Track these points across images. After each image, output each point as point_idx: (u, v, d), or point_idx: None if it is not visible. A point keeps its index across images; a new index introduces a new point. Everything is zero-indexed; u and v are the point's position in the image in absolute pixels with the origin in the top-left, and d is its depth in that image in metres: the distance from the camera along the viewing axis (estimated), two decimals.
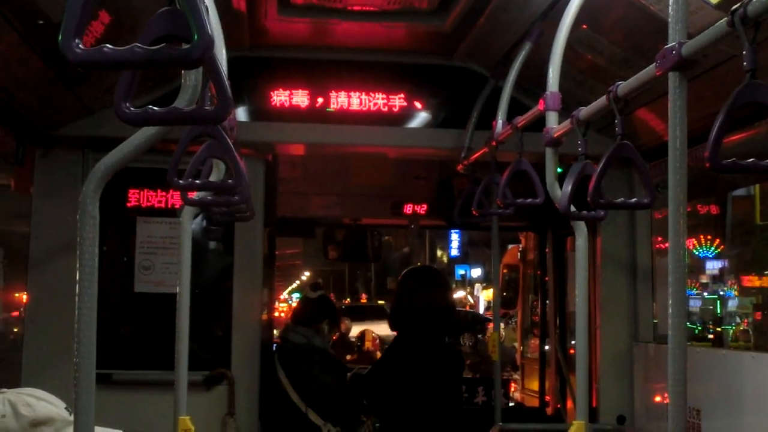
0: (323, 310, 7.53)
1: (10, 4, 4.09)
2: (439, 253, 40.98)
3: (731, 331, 8.05)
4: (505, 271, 12.27)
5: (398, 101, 6.75)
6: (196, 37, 1.91)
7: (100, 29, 4.44)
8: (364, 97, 6.72)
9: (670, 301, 3.03)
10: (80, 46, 1.89)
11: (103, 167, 2.65)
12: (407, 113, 6.79)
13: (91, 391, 2.59)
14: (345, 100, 6.70)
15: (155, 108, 2.24)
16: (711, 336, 8.00)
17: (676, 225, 3.02)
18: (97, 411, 2.62)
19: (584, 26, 5.22)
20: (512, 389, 11.26)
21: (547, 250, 9.27)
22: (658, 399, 6.39)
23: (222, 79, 2.31)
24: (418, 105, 6.80)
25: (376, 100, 6.73)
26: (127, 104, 2.22)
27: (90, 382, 2.59)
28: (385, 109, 6.73)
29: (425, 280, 7.29)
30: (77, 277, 2.62)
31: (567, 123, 4.47)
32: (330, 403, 6.97)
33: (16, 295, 6.38)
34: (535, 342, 10.88)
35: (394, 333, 7.21)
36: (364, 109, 6.71)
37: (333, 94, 6.69)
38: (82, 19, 1.89)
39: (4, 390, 3.23)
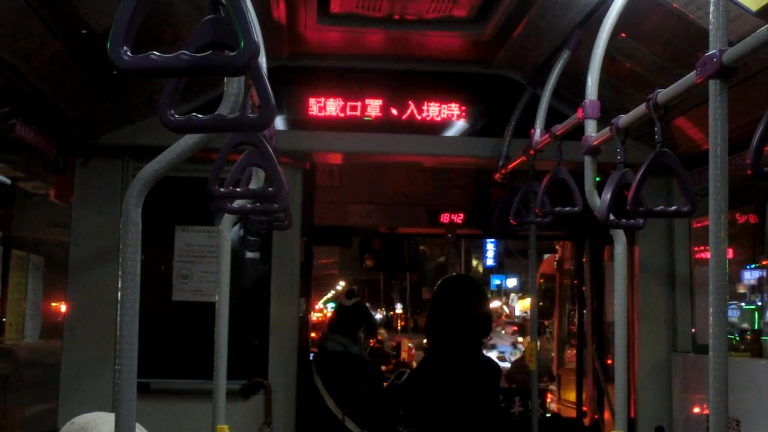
0: (359, 318, 7.54)
1: (54, 14, 4.13)
2: (474, 262, 40.84)
3: None
4: (541, 281, 12.23)
5: (436, 110, 6.75)
6: (242, 43, 1.92)
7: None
8: (401, 106, 6.72)
9: (711, 310, 3.01)
10: (128, 53, 1.91)
11: (145, 174, 2.66)
12: (445, 122, 6.78)
13: (132, 398, 2.60)
14: (383, 109, 6.71)
15: (199, 115, 2.26)
16: (746, 346, 7.92)
17: (717, 233, 3.00)
18: (137, 420, 2.63)
19: (623, 34, 5.21)
20: (549, 400, 11.23)
21: (584, 259, 9.24)
22: (697, 410, 6.35)
23: (266, 85, 2.32)
24: (455, 113, 6.79)
25: (414, 109, 6.73)
26: (172, 111, 2.24)
27: (131, 389, 2.60)
28: (423, 117, 6.73)
29: (462, 289, 7.29)
30: (119, 284, 2.63)
31: (606, 131, 4.45)
32: (367, 410, 6.97)
33: (53, 304, 6.40)
34: (571, 352, 10.83)
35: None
36: (401, 117, 6.72)
37: (370, 102, 6.70)
38: (130, 27, 1.91)
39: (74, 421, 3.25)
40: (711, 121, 3.03)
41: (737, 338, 7.86)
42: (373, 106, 6.70)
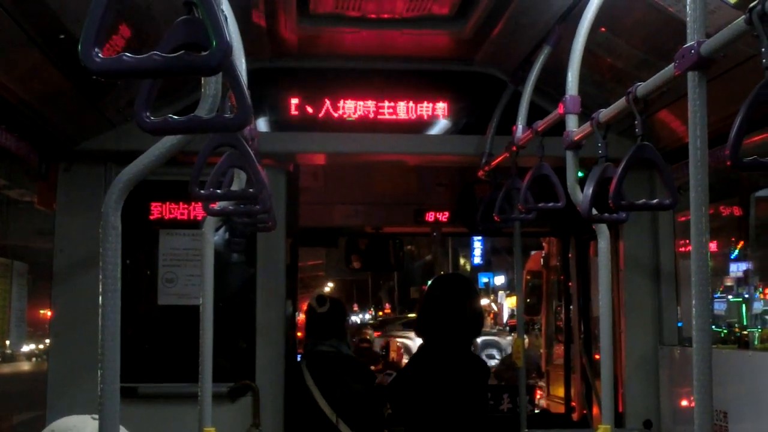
0: (339, 317, 7.48)
1: (32, 20, 4.11)
2: (461, 261, 40.89)
3: (757, 333, 8.00)
4: (528, 277, 12.25)
5: (418, 108, 6.74)
6: (214, 43, 1.91)
7: (121, 43, 4.46)
8: (383, 105, 6.71)
9: (694, 302, 3.01)
10: (100, 55, 1.90)
11: (124, 178, 2.65)
12: (427, 120, 6.77)
13: (115, 402, 2.59)
14: (364, 108, 6.70)
15: (175, 117, 2.25)
16: (736, 338, 7.94)
17: (699, 225, 3.00)
18: (123, 425, 2.62)
19: (603, 29, 5.22)
20: (537, 396, 11.24)
21: (570, 255, 9.24)
22: (684, 403, 6.35)
23: (241, 86, 2.32)
24: (438, 112, 6.78)
25: (396, 108, 6.72)
26: (148, 113, 2.23)
27: (114, 393, 2.60)
28: (406, 116, 6.72)
29: (454, 287, 7.29)
30: (101, 289, 2.62)
31: (587, 126, 4.46)
32: (363, 412, 6.94)
33: (41, 311, 6.40)
34: (559, 348, 10.83)
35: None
36: (384, 117, 6.71)
37: (353, 102, 6.69)
38: (101, 28, 1.90)
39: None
40: (690, 113, 3.03)
41: (725, 331, 7.89)
42: (355, 106, 6.69)
